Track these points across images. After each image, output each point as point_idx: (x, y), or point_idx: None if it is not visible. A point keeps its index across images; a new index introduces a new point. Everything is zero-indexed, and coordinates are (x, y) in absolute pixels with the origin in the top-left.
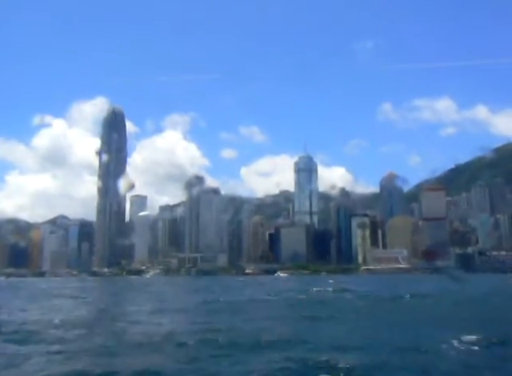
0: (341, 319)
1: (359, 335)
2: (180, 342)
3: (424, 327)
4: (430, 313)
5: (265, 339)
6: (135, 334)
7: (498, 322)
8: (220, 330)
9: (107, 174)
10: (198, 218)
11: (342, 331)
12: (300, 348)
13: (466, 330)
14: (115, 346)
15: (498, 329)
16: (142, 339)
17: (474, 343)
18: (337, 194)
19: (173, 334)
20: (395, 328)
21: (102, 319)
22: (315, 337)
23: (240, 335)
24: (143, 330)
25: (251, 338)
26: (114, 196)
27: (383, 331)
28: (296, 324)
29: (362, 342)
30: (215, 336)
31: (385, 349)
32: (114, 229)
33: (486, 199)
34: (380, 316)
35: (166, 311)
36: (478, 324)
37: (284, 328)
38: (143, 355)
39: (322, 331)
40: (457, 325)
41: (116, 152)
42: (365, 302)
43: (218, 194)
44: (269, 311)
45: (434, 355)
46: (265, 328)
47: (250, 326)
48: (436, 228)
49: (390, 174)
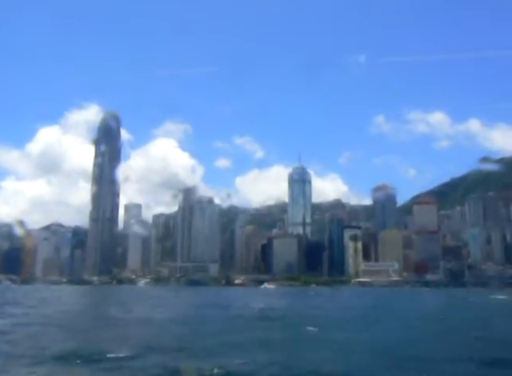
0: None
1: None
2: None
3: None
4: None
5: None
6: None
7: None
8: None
9: (101, 182)
10: (190, 228)
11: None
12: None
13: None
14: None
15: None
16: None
17: None
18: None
19: None
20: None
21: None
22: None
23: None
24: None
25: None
26: (108, 203)
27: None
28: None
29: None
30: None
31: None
32: (107, 237)
33: (479, 213)
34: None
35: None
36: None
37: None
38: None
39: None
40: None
41: (110, 159)
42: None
43: (211, 203)
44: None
45: None
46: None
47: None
48: (428, 241)
49: (383, 187)
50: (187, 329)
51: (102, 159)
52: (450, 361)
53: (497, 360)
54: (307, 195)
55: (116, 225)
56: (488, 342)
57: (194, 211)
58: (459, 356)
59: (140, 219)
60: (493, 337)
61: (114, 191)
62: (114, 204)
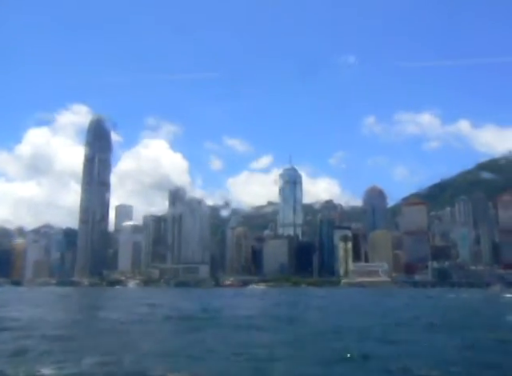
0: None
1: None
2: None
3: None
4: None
5: None
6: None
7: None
8: None
9: (91, 183)
10: (180, 229)
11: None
12: None
13: None
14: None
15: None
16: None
17: None
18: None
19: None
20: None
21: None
22: None
23: None
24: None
25: None
26: (98, 205)
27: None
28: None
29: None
30: None
31: None
32: (97, 238)
33: (468, 214)
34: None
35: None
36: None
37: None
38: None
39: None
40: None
41: (100, 161)
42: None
43: (201, 204)
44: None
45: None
46: None
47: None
48: (417, 242)
49: (373, 188)
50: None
51: (91, 161)
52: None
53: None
54: (298, 196)
55: (106, 226)
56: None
57: (184, 213)
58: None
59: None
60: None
61: (104, 193)
62: (105, 206)
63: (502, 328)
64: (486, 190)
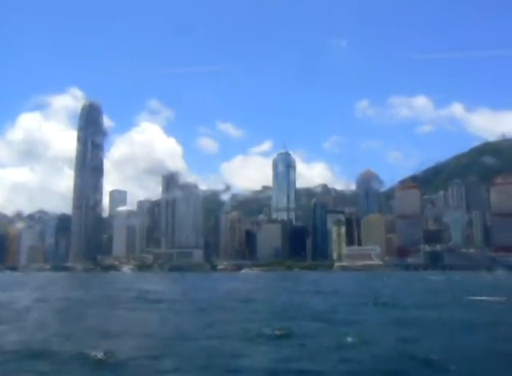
0: None
1: None
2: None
3: None
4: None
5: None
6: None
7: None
8: None
9: (84, 169)
10: (174, 214)
11: None
12: None
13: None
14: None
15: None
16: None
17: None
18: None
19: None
20: None
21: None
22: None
23: None
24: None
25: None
26: (91, 191)
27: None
28: None
29: None
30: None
31: None
32: (91, 224)
33: (462, 197)
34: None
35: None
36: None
37: None
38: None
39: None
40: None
41: (93, 146)
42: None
43: (195, 189)
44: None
45: None
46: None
47: None
48: (410, 226)
49: (367, 172)
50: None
51: (84, 146)
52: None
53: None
54: (291, 181)
55: (100, 212)
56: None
57: (177, 198)
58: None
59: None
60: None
61: (97, 178)
62: (98, 191)
63: (448, 306)
64: (480, 174)
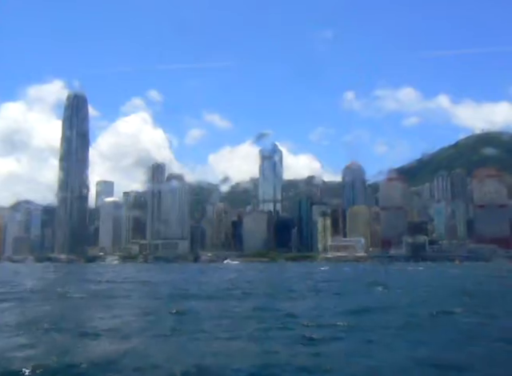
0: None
1: None
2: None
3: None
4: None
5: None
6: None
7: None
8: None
9: (69, 159)
10: (160, 205)
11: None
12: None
13: None
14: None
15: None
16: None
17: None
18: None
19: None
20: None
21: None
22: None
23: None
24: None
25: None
26: (76, 181)
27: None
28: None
29: None
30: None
31: None
32: (77, 215)
33: (447, 189)
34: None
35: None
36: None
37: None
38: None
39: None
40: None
41: (78, 137)
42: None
43: (181, 180)
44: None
45: None
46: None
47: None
48: (393, 217)
49: (353, 164)
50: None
51: (69, 137)
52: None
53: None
54: (278, 172)
55: (86, 203)
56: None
57: (163, 189)
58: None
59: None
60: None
61: (82, 169)
62: (84, 182)
63: (372, 294)
64: (467, 166)
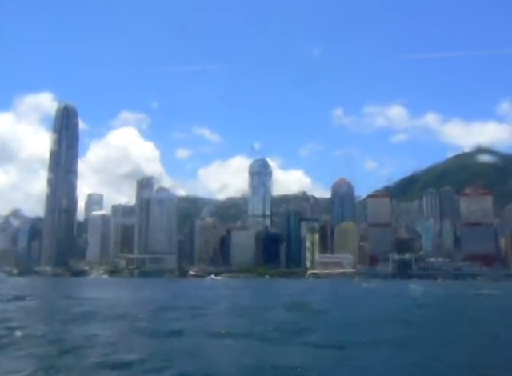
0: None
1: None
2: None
3: None
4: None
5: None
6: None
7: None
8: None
9: (58, 172)
10: (148, 219)
11: None
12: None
13: None
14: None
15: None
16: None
17: None
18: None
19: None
20: None
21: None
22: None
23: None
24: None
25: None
26: (65, 194)
27: None
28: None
29: None
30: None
31: None
32: (64, 227)
33: (436, 207)
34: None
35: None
36: None
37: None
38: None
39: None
40: None
41: (67, 149)
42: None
43: (170, 194)
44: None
45: None
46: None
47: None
48: (381, 234)
49: (341, 180)
50: None
51: (58, 149)
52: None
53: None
54: (268, 187)
55: (74, 215)
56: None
57: (151, 202)
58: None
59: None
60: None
61: (71, 182)
62: (72, 195)
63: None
64: (456, 183)
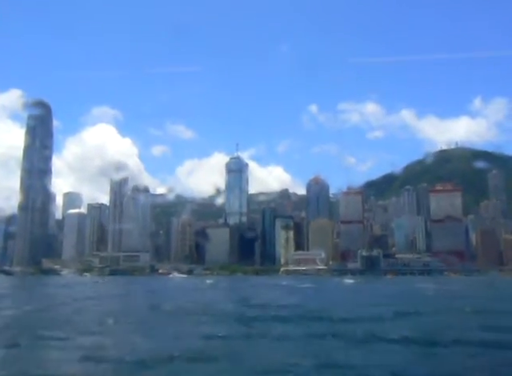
0: None
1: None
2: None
3: None
4: None
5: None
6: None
7: None
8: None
9: (31, 170)
10: (122, 217)
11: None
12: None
13: None
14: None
15: None
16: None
17: None
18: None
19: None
20: None
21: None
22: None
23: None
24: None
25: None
26: (39, 193)
27: None
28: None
29: None
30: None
31: None
32: (38, 226)
33: (413, 204)
34: None
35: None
36: None
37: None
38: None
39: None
40: None
41: (41, 147)
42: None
43: (146, 192)
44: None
45: None
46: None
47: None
48: (353, 231)
49: (316, 178)
50: None
51: (32, 147)
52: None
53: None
54: (244, 185)
55: (48, 214)
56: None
57: (126, 200)
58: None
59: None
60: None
61: (45, 180)
62: (46, 193)
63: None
64: (433, 181)
